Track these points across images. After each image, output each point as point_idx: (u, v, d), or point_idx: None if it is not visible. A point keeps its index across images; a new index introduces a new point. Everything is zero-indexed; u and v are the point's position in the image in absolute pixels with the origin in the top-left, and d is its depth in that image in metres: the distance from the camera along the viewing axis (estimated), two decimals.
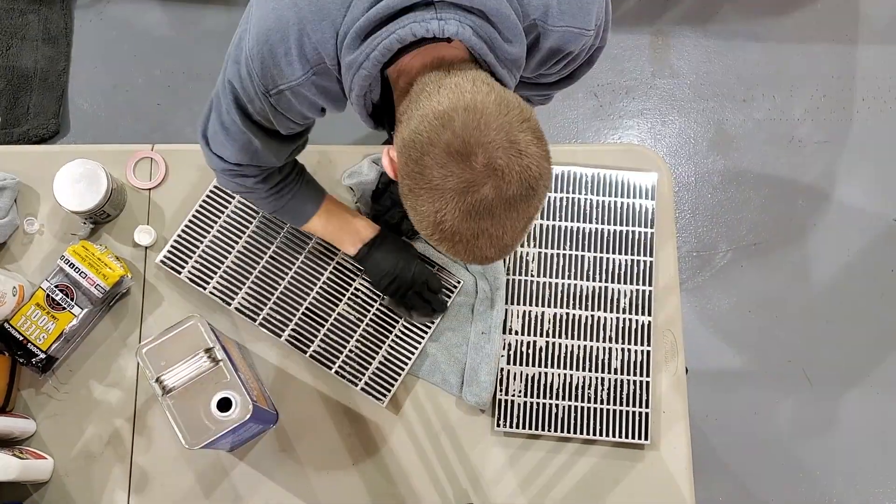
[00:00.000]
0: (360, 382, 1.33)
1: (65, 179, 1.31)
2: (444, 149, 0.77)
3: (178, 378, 1.10)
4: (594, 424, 1.32)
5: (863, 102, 2.38)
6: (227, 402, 1.10)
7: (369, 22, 0.83)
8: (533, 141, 0.79)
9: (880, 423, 2.15)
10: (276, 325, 1.34)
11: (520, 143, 0.77)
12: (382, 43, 0.82)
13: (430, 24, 0.81)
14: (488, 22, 0.84)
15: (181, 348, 1.12)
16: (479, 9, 0.83)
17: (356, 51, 0.84)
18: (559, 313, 1.36)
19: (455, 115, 0.77)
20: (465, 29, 0.82)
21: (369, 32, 0.83)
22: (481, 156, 0.76)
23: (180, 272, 1.35)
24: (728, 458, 2.12)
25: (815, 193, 2.31)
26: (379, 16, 0.82)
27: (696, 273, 2.25)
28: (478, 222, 0.79)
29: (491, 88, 0.80)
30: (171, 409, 1.09)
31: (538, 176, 0.79)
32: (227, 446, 1.23)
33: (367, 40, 0.83)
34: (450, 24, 0.82)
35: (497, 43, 0.86)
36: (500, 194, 0.78)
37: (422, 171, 0.78)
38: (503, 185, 0.77)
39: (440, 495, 1.30)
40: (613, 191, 1.40)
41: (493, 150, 0.76)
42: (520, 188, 0.78)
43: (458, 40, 0.83)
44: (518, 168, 0.77)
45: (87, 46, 2.38)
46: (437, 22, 0.81)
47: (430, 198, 0.79)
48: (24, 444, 1.31)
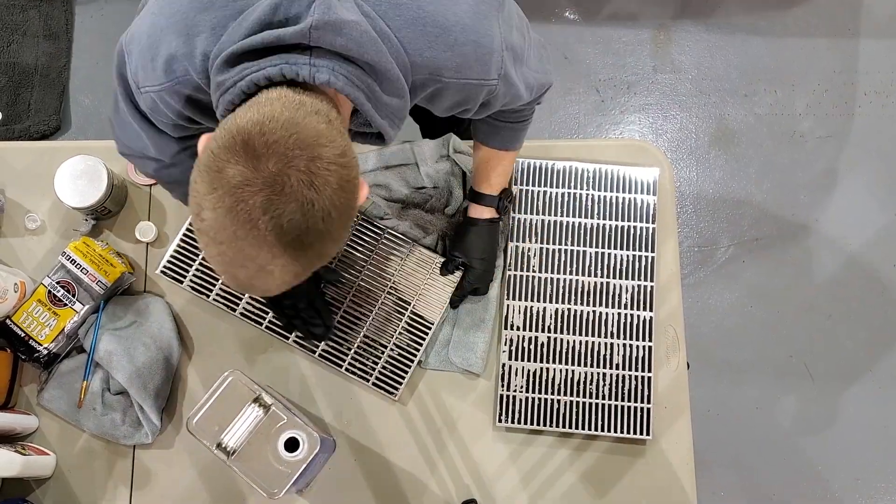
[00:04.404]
0: (371, 377, 1.33)
1: (66, 176, 1.31)
2: (234, 133, 0.73)
3: (237, 437, 1.09)
4: (596, 420, 1.32)
5: (865, 97, 2.38)
6: (294, 442, 1.10)
7: (243, 49, 0.81)
8: (339, 188, 0.75)
9: (882, 418, 2.16)
10: (283, 328, 1.34)
11: (318, 172, 0.73)
12: (251, 76, 0.80)
13: (301, 70, 0.79)
14: (367, 73, 0.83)
15: (229, 406, 1.10)
16: (357, 59, 0.82)
17: (224, 74, 0.83)
18: (561, 309, 1.36)
19: (275, 122, 0.73)
20: (338, 78, 0.81)
21: (241, 60, 0.82)
22: (273, 163, 0.71)
23: (182, 281, 1.35)
24: (730, 453, 2.13)
25: (817, 188, 2.30)
26: (253, 47, 0.81)
27: (698, 268, 2.25)
28: (235, 230, 0.73)
29: (329, 125, 0.76)
30: (242, 469, 1.08)
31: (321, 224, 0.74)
32: (303, 485, 1.24)
33: (237, 67, 0.82)
34: (321, 72, 0.80)
35: (376, 93, 0.85)
36: (270, 217, 0.72)
37: (215, 150, 0.74)
38: (278, 206, 0.72)
39: (442, 491, 1.30)
40: (615, 186, 1.40)
41: (289, 164, 0.72)
42: (294, 220, 0.73)
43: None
44: (302, 197, 0.72)
45: (88, 42, 2.38)
46: (309, 68, 0.80)
47: (203, 180, 0.74)
48: (27, 441, 1.31)
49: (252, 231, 0.73)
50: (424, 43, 0.87)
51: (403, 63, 0.87)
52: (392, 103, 0.88)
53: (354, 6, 0.83)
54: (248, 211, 0.72)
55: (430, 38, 0.87)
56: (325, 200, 0.74)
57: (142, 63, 0.91)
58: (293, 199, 0.72)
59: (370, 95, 0.85)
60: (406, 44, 0.86)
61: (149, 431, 1.28)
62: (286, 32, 0.80)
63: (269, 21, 0.82)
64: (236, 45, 0.82)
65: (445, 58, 0.89)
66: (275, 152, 0.72)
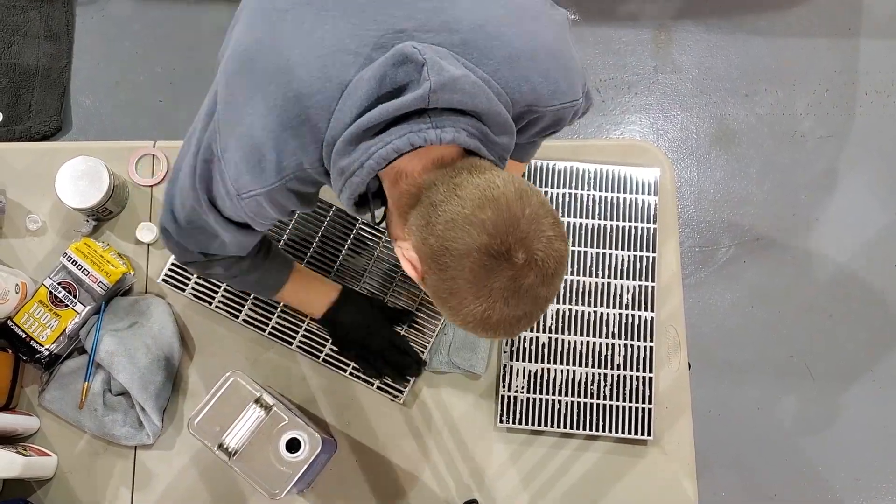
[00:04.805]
0: (375, 382, 1.33)
1: (67, 176, 1.31)
2: (483, 252, 0.78)
3: (238, 438, 1.09)
4: (597, 420, 1.32)
5: (865, 97, 2.38)
6: (296, 443, 1.10)
7: (361, 129, 0.81)
8: (555, 223, 0.81)
9: (883, 418, 2.15)
10: (285, 334, 1.34)
11: (547, 230, 0.80)
12: (378, 153, 0.81)
13: (428, 134, 0.80)
14: (480, 120, 0.84)
15: (230, 407, 1.10)
16: (472, 111, 0.83)
17: (348, 157, 0.83)
18: (561, 309, 1.36)
19: (484, 215, 0.78)
20: (461, 133, 0.82)
21: (361, 139, 0.82)
22: (521, 252, 0.78)
23: (184, 289, 1.35)
24: (731, 454, 2.13)
25: (818, 188, 2.30)
26: (372, 123, 0.81)
27: (699, 268, 2.25)
28: (522, 308, 0.81)
29: (504, 181, 0.81)
30: (243, 469, 1.09)
31: (565, 253, 0.83)
32: (304, 485, 1.24)
33: (360, 147, 0.82)
34: (447, 132, 0.81)
35: (489, 137, 0.86)
36: (542, 281, 0.80)
37: (461, 275, 0.79)
38: (544, 272, 0.80)
39: (443, 491, 1.31)
40: (616, 186, 1.40)
41: (530, 244, 0.78)
42: (555, 268, 0.81)
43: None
44: (553, 254, 0.80)
45: (89, 43, 2.38)
46: (434, 131, 0.80)
47: (475, 299, 0.80)
48: (28, 441, 1.31)
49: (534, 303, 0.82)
50: (520, 78, 0.88)
51: (506, 102, 0.88)
52: (503, 142, 0.89)
53: (455, 60, 0.84)
54: (529, 294, 0.80)
55: (523, 72, 0.88)
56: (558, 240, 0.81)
57: (247, 168, 0.88)
58: (549, 261, 0.80)
59: (485, 140, 0.86)
60: (504, 83, 0.87)
61: (150, 432, 1.28)
62: (405, 102, 0.80)
63: (377, 95, 0.81)
64: (353, 125, 0.82)
65: (541, 88, 0.90)
66: (514, 242, 0.78)
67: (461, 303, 0.81)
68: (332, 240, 1.38)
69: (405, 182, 0.85)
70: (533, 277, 0.79)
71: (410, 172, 0.85)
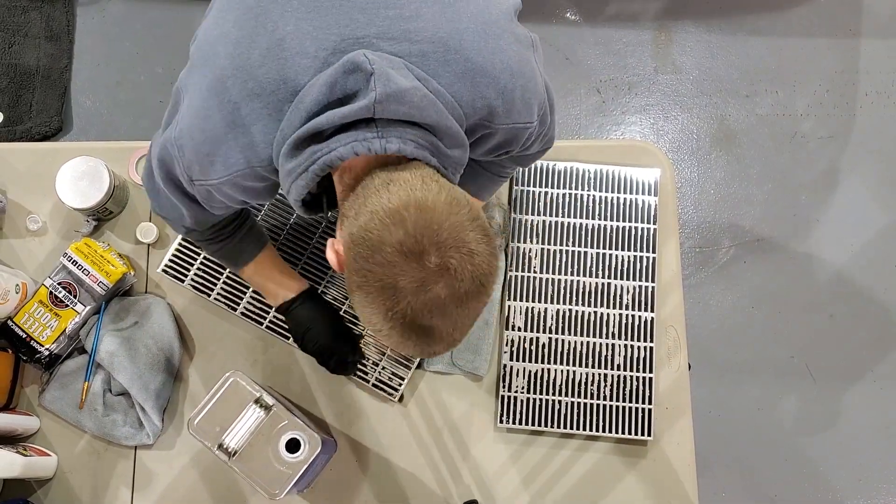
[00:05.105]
0: (371, 379, 1.33)
1: (67, 177, 1.31)
2: (396, 247, 0.77)
3: (238, 438, 1.09)
4: (597, 421, 1.32)
5: (866, 97, 2.38)
6: (295, 443, 1.10)
7: (308, 133, 0.82)
8: (482, 239, 0.79)
9: (883, 418, 2.15)
10: (283, 327, 1.34)
11: (470, 242, 0.78)
12: (322, 158, 0.82)
13: (373, 143, 0.81)
14: (430, 132, 0.84)
15: (230, 407, 1.10)
16: (419, 122, 0.83)
17: (294, 160, 0.84)
18: (562, 309, 1.36)
19: (406, 213, 0.77)
20: (407, 144, 0.82)
21: (308, 143, 0.83)
22: (434, 256, 0.76)
23: (183, 280, 1.35)
24: (731, 454, 2.12)
25: (819, 189, 2.30)
26: (320, 129, 0.81)
27: (699, 269, 2.25)
28: (430, 320, 0.79)
29: (440, 187, 0.80)
30: (243, 470, 1.09)
31: (488, 273, 0.80)
32: (304, 485, 1.24)
33: (307, 150, 0.83)
34: (391, 142, 0.81)
35: (441, 149, 0.86)
36: (452, 293, 0.78)
37: (372, 268, 0.78)
38: (456, 283, 0.78)
39: (443, 491, 1.30)
40: (616, 187, 1.40)
41: (446, 251, 0.77)
42: (471, 286, 0.79)
43: None
44: (470, 267, 0.78)
45: (90, 43, 2.38)
46: (379, 140, 0.81)
47: (381, 296, 0.78)
48: (28, 442, 1.31)
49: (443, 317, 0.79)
50: (476, 93, 0.88)
51: (459, 116, 0.88)
52: (455, 155, 0.88)
53: (408, 72, 0.84)
54: (437, 305, 0.78)
55: (480, 88, 0.88)
56: (482, 256, 0.79)
57: (197, 159, 0.90)
58: (464, 274, 0.78)
59: (435, 152, 0.85)
60: (458, 97, 0.87)
61: (150, 432, 1.28)
62: (351, 110, 0.80)
63: (326, 101, 0.82)
64: (301, 129, 0.82)
65: (496, 105, 0.90)
66: (430, 244, 0.76)
67: (368, 298, 0.80)
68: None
69: (348, 176, 0.86)
70: (442, 286, 0.77)
71: (354, 167, 0.85)
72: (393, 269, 0.77)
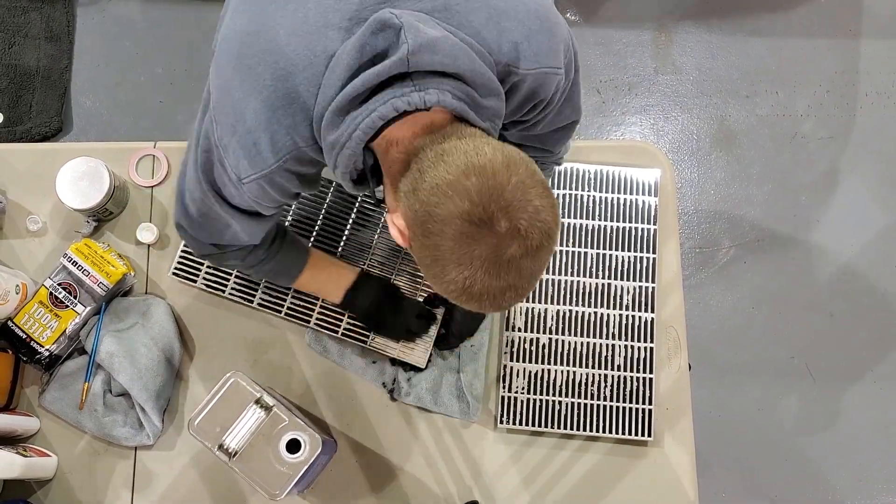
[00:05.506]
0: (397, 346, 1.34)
1: (67, 177, 1.31)
2: (465, 219, 0.77)
3: (238, 439, 1.09)
4: (597, 421, 1.32)
5: (866, 98, 2.37)
6: (296, 444, 1.10)
7: (347, 99, 0.82)
8: (543, 193, 0.80)
9: (884, 418, 2.15)
10: (301, 314, 1.34)
11: (534, 199, 0.78)
12: (364, 121, 0.81)
13: (412, 97, 0.80)
14: (465, 82, 0.84)
15: (230, 408, 1.10)
16: (455, 72, 0.83)
17: (337, 130, 0.83)
18: (562, 310, 1.36)
19: (469, 182, 0.77)
20: (445, 95, 0.82)
21: (348, 110, 0.83)
22: (503, 220, 0.77)
23: (196, 280, 1.35)
24: (732, 454, 2.12)
25: (819, 189, 2.30)
26: (357, 92, 0.81)
27: (699, 269, 2.25)
28: (506, 280, 0.80)
29: (493, 149, 0.80)
30: (243, 470, 1.09)
31: (554, 225, 0.81)
32: (304, 486, 1.24)
33: (347, 118, 0.82)
34: (430, 94, 0.81)
35: (476, 100, 0.85)
36: (525, 252, 0.79)
37: (444, 242, 0.78)
38: (528, 242, 0.78)
39: (443, 492, 1.30)
40: (616, 187, 1.40)
41: (514, 213, 0.77)
42: (541, 240, 0.79)
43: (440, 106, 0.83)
44: (539, 224, 0.78)
45: (90, 44, 2.38)
46: (418, 94, 0.80)
47: (457, 267, 0.79)
48: (28, 442, 1.31)
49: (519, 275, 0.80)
50: (503, 37, 0.88)
51: (489, 63, 0.87)
52: (491, 105, 0.88)
53: (435, 23, 0.84)
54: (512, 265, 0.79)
55: (506, 30, 0.88)
56: (546, 211, 0.79)
57: (244, 152, 0.89)
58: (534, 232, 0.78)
59: (472, 104, 0.85)
60: (486, 43, 0.87)
61: (150, 433, 1.28)
62: (384, 67, 0.80)
63: (358, 65, 0.82)
64: (339, 97, 0.82)
65: (523, 47, 0.89)
66: (497, 209, 0.77)
67: (443, 270, 0.80)
68: (336, 216, 1.38)
69: (395, 150, 0.85)
70: (516, 247, 0.78)
71: (401, 140, 0.85)
72: (465, 240, 0.77)
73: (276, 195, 0.95)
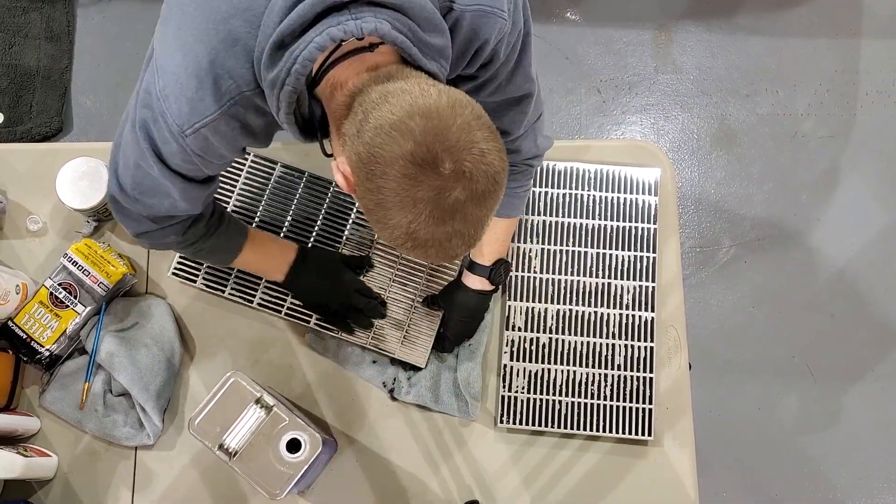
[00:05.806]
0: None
1: (67, 177, 1.31)
2: (409, 159, 0.75)
3: (238, 438, 1.09)
4: (597, 421, 1.32)
5: (866, 97, 2.37)
6: (296, 443, 1.10)
7: (282, 35, 0.80)
8: (490, 136, 0.79)
9: (884, 417, 2.15)
10: (301, 313, 1.34)
11: (479, 142, 0.77)
12: (302, 53, 0.79)
13: (347, 25, 0.79)
14: (405, 15, 0.82)
15: (230, 408, 1.10)
16: (393, 4, 0.81)
17: (276, 67, 0.82)
18: (562, 309, 1.35)
19: (412, 122, 0.76)
20: (383, 24, 0.80)
21: (286, 45, 0.81)
22: (448, 161, 0.76)
23: (195, 281, 1.35)
24: (732, 454, 2.12)
25: (819, 188, 2.30)
26: (292, 27, 0.79)
27: (700, 269, 2.25)
28: (451, 225, 0.79)
29: (439, 91, 0.79)
30: (243, 470, 1.09)
31: (500, 170, 0.80)
32: (305, 486, 1.24)
33: (285, 54, 0.81)
34: (367, 21, 0.79)
35: (419, 35, 0.83)
36: (471, 195, 0.78)
37: (387, 184, 0.77)
38: (473, 185, 0.77)
39: (444, 492, 1.30)
40: (616, 186, 1.40)
41: (458, 154, 0.76)
42: (487, 185, 0.78)
43: (381, 39, 0.81)
44: (483, 167, 0.77)
45: (90, 44, 2.38)
46: (354, 22, 0.79)
47: (400, 210, 0.78)
48: (29, 442, 1.31)
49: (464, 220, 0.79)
50: None
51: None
52: (436, 42, 0.86)
53: None
54: (457, 208, 0.78)
55: None
56: (492, 154, 0.78)
57: (187, 100, 0.86)
58: (479, 174, 0.77)
59: (414, 39, 0.83)
60: None
61: (150, 433, 1.28)
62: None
63: (295, 1, 0.80)
64: (274, 34, 0.80)
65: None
66: (441, 150, 0.75)
67: (387, 214, 0.79)
68: (336, 216, 1.38)
69: (340, 93, 0.84)
70: (460, 190, 0.77)
71: (344, 82, 0.84)
72: (409, 181, 0.76)
73: (221, 149, 0.92)
